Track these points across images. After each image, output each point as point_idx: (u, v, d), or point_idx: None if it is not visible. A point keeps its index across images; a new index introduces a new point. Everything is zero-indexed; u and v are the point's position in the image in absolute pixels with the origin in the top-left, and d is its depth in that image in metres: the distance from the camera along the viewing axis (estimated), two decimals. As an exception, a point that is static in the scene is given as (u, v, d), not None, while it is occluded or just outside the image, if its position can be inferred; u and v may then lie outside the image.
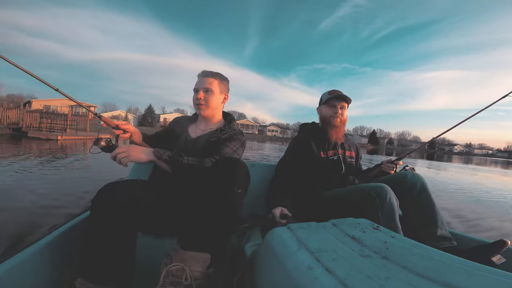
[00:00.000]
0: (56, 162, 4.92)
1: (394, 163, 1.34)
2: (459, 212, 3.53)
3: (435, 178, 7.76)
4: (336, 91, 1.41)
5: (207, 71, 1.15)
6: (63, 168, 4.36)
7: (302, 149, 1.37)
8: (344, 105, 1.40)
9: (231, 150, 1.05)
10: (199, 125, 1.20)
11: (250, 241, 1.00)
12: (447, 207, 3.71)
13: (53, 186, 3.16)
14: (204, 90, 1.12)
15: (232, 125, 1.19)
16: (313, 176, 1.34)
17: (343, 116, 1.39)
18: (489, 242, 0.99)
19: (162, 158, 0.92)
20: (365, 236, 0.63)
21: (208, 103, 1.12)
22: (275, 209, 1.15)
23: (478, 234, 2.44)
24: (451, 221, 3.01)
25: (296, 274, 0.50)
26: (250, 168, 1.59)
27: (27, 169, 3.99)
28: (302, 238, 0.61)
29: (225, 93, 1.19)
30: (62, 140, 9.81)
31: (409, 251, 0.54)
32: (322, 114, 1.44)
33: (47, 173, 3.87)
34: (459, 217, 3.25)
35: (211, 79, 1.12)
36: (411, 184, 1.13)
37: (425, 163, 15.79)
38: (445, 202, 4.09)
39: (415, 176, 1.15)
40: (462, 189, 5.80)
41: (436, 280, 0.43)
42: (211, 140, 1.10)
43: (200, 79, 1.14)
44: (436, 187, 5.58)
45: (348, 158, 1.41)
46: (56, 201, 2.56)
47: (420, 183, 1.12)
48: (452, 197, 4.71)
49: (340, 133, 1.40)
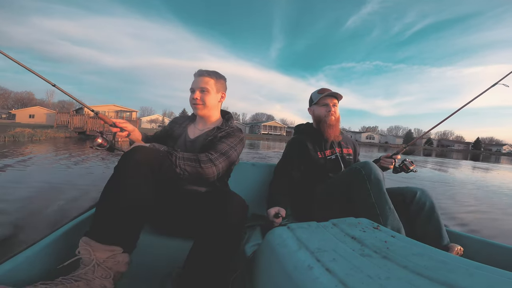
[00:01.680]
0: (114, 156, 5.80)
1: (392, 157, 1.33)
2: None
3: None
4: (326, 89, 1.41)
5: (203, 70, 1.14)
6: (116, 160, 4.87)
7: (298, 150, 1.37)
8: (336, 102, 1.40)
9: (227, 146, 1.04)
10: (197, 125, 1.19)
11: (250, 241, 1.00)
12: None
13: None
14: (200, 90, 1.11)
15: (230, 123, 1.18)
16: (312, 177, 1.34)
17: (336, 113, 1.39)
18: (501, 245, 1.01)
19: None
20: (365, 235, 0.63)
21: (205, 102, 1.11)
22: (270, 209, 1.16)
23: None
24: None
25: (296, 274, 0.50)
26: (251, 168, 1.60)
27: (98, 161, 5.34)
28: (302, 238, 0.61)
29: (222, 92, 1.18)
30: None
31: (409, 251, 0.54)
32: (316, 114, 1.44)
33: (110, 166, 4.89)
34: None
35: (207, 78, 1.12)
36: (420, 203, 1.12)
37: (469, 163, 14.86)
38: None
39: (425, 195, 1.14)
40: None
41: (436, 280, 0.43)
42: (208, 138, 1.10)
43: (196, 78, 1.13)
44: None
45: (346, 155, 1.41)
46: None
47: (429, 202, 1.12)
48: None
49: (337, 131, 1.40)
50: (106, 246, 0.72)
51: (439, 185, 5.38)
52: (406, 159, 1.32)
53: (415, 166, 1.31)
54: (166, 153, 0.92)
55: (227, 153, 1.02)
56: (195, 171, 0.93)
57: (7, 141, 9.16)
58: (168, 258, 0.93)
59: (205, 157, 0.95)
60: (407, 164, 1.30)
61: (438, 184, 5.59)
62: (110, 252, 0.72)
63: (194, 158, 0.94)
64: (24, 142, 9.52)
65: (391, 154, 1.35)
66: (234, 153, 1.05)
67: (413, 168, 1.29)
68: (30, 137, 10.89)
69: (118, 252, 0.73)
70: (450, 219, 2.85)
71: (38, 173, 3.88)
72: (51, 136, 12.30)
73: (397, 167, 1.33)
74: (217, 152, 1.00)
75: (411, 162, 1.30)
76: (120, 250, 0.73)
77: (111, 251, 0.72)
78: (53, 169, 4.29)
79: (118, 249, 0.73)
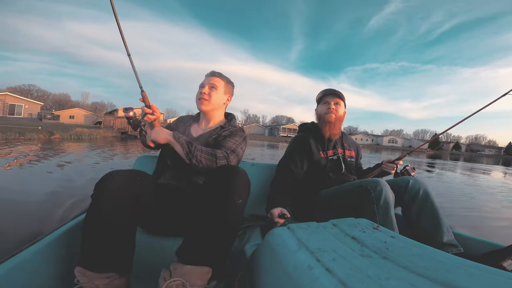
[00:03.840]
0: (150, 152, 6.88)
1: (394, 163, 1.34)
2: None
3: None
4: (330, 89, 1.42)
5: (216, 71, 1.19)
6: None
7: (302, 148, 1.37)
8: (338, 101, 1.39)
9: (234, 144, 1.06)
10: (201, 124, 1.21)
11: (250, 241, 1.00)
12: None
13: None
14: (210, 86, 1.15)
15: (232, 123, 1.21)
16: (313, 176, 1.34)
17: (337, 112, 1.38)
18: (501, 246, 0.98)
19: (179, 141, 0.96)
20: (365, 236, 0.63)
21: (211, 98, 1.14)
22: (274, 209, 1.16)
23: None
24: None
25: (296, 274, 0.50)
26: (250, 168, 1.60)
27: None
28: (302, 238, 0.61)
29: (228, 95, 1.22)
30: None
31: (409, 251, 0.54)
32: (318, 113, 1.45)
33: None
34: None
35: (218, 79, 1.17)
36: (414, 191, 1.12)
37: (500, 168, 14.31)
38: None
39: (418, 182, 1.14)
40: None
41: (436, 280, 0.43)
42: (212, 137, 1.11)
43: (207, 78, 1.17)
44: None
45: (348, 157, 1.41)
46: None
47: (423, 190, 1.12)
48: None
49: (335, 129, 1.39)
50: (102, 274, 0.72)
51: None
52: (408, 165, 1.33)
53: (417, 173, 1.31)
54: (187, 143, 0.95)
55: (236, 151, 1.04)
56: (209, 164, 0.96)
57: (72, 139, 11.04)
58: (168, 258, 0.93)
59: (221, 153, 0.98)
60: (409, 170, 1.30)
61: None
62: (107, 279, 0.72)
63: (212, 152, 0.97)
64: (86, 140, 11.31)
65: (394, 159, 1.35)
66: (241, 151, 1.08)
67: (414, 175, 1.29)
68: (89, 135, 12.79)
69: (116, 278, 0.73)
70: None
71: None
72: (103, 135, 14.46)
73: (398, 172, 1.33)
74: (228, 149, 1.02)
75: (413, 168, 1.31)
76: (116, 276, 0.74)
77: (108, 278, 0.72)
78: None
79: (114, 275, 0.73)
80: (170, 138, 0.97)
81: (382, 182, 1.02)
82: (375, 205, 0.98)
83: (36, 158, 5.16)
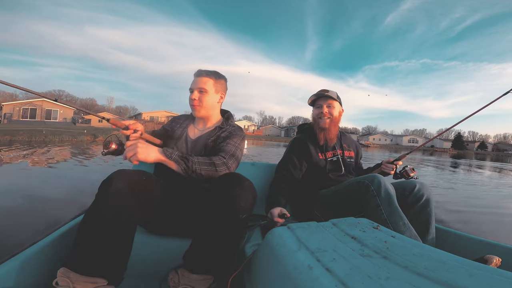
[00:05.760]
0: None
1: (394, 163, 1.33)
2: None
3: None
4: (320, 92, 1.38)
5: (202, 70, 1.12)
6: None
7: (300, 150, 1.37)
8: (331, 102, 1.35)
9: (233, 146, 1.05)
10: (197, 125, 1.18)
11: (250, 241, 1.00)
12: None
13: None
14: (199, 90, 1.09)
15: (230, 122, 1.17)
16: (313, 177, 1.34)
17: (332, 115, 1.35)
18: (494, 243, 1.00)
19: (173, 158, 0.89)
20: (365, 235, 0.63)
21: (202, 103, 1.09)
22: (274, 209, 1.15)
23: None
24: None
25: (296, 274, 0.50)
26: (250, 168, 1.60)
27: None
28: (302, 238, 0.61)
29: (221, 92, 1.15)
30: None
31: (409, 251, 0.54)
32: (312, 117, 1.43)
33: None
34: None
35: (206, 79, 1.09)
36: (419, 195, 1.12)
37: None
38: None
39: (424, 188, 1.14)
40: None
41: (436, 280, 0.43)
42: (210, 139, 1.09)
43: (195, 79, 1.11)
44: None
45: (348, 158, 1.40)
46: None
47: (426, 196, 1.12)
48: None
49: (330, 134, 1.36)
50: (88, 278, 0.67)
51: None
52: (407, 166, 1.32)
53: (416, 173, 1.30)
54: (181, 158, 0.90)
55: (235, 154, 1.02)
56: (210, 175, 0.92)
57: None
58: (168, 258, 0.93)
59: (219, 160, 0.95)
60: (408, 170, 1.30)
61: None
62: (92, 284, 0.67)
63: (209, 162, 0.93)
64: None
65: (393, 160, 1.35)
66: (240, 153, 1.06)
67: (413, 175, 1.29)
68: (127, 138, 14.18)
69: (102, 285, 0.68)
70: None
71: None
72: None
73: (397, 173, 1.32)
74: (227, 154, 0.99)
75: (412, 169, 1.30)
76: (104, 282, 0.69)
77: (94, 283, 0.67)
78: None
79: (102, 281, 0.68)
80: (162, 156, 0.88)
81: (379, 176, 1.03)
82: (377, 198, 0.98)
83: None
